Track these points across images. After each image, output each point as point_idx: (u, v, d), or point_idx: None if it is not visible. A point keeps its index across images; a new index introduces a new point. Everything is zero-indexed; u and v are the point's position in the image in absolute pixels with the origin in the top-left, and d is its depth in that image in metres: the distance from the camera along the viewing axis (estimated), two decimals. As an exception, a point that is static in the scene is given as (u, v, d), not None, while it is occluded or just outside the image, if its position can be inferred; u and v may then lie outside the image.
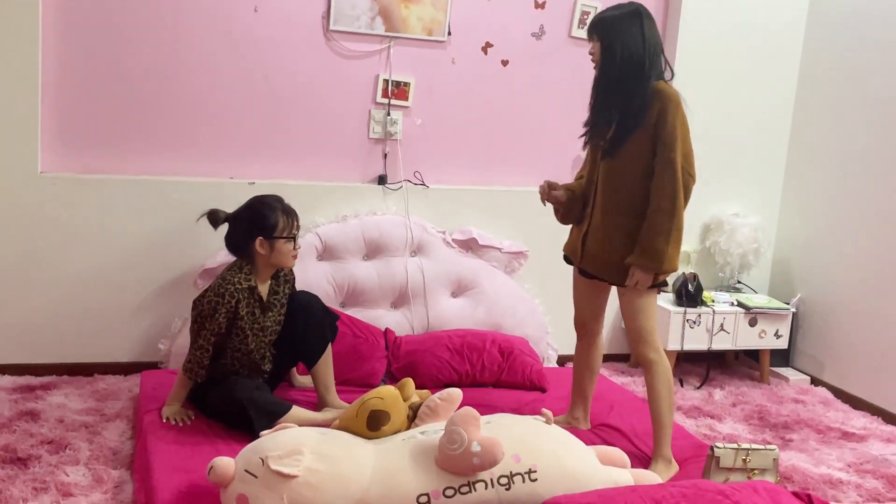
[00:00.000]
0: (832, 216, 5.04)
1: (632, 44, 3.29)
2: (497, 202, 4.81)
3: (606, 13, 3.38)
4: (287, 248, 3.57)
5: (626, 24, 3.31)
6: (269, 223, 3.53)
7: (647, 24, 3.33)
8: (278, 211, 3.57)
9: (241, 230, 3.58)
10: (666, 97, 3.27)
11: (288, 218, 3.58)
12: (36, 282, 4.24)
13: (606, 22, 3.35)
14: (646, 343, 3.40)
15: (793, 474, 3.72)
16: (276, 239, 3.54)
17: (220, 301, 3.46)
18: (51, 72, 4.20)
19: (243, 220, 3.59)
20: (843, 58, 4.99)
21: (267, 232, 3.53)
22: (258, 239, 3.52)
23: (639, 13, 3.34)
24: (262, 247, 3.53)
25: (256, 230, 3.53)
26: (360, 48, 4.59)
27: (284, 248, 3.57)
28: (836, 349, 4.96)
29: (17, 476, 3.22)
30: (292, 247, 3.60)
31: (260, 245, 3.53)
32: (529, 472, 2.80)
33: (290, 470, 2.65)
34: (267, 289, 3.64)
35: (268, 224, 3.53)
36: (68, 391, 4.08)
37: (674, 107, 3.27)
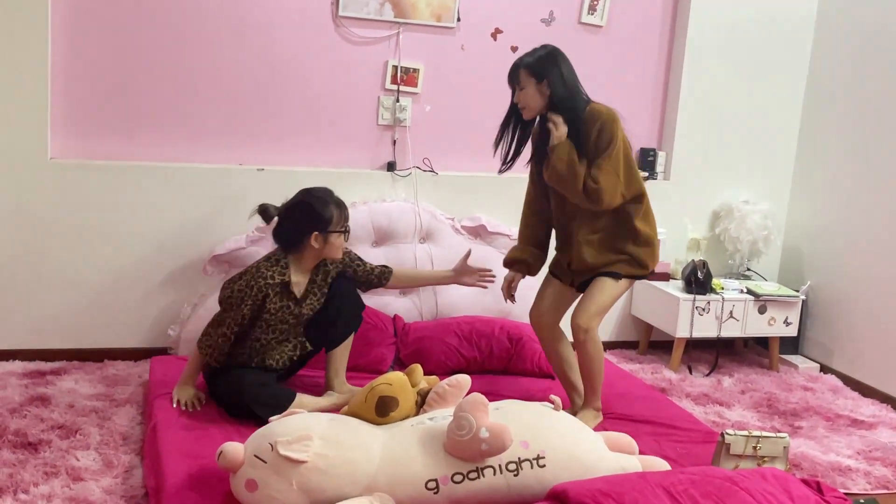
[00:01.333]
0: (842, 203, 5.02)
1: (557, 83, 3.52)
2: (506, 189, 4.79)
3: (526, 58, 3.57)
4: (340, 241, 3.57)
5: (548, 64, 3.53)
6: (325, 218, 3.51)
7: (564, 62, 3.58)
8: (331, 205, 3.55)
9: (295, 225, 3.55)
10: (599, 114, 3.51)
11: (340, 211, 3.57)
12: (46, 268, 4.26)
13: (531, 63, 3.53)
14: (589, 317, 3.58)
15: (801, 462, 3.72)
16: (331, 233, 3.53)
17: (248, 292, 3.46)
18: (60, 58, 4.20)
19: (296, 216, 3.55)
20: (854, 44, 4.96)
21: (322, 226, 3.51)
22: (313, 234, 3.50)
23: (554, 52, 3.58)
24: (316, 241, 3.51)
25: (311, 225, 3.51)
26: (369, 34, 4.58)
27: (337, 242, 3.56)
28: (845, 337, 4.95)
29: (28, 461, 3.24)
30: (344, 240, 3.60)
31: (315, 240, 3.51)
32: (538, 459, 2.80)
33: (299, 455, 2.66)
34: (307, 280, 3.62)
35: (323, 219, 3.51)
36: (78, 376, 4.10)
37: (610, 121, 3.49)
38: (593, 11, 4.88)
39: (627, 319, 5.18)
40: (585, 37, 4.89)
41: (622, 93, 5.04)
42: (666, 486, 2.62)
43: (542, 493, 2.72)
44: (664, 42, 5.09)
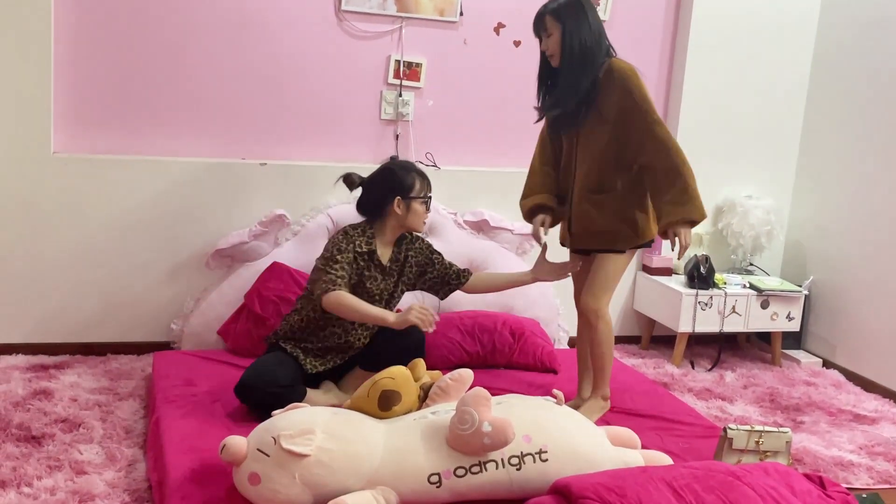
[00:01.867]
0: (846, 198, 5.01)
1: (584, 31, 3.50)
2: (509, 183, 4.77)
3: (551, 4, 3.55)
4: (422, 209, 3.63)
5: (575, 12, 3.50)
6: (407, 183, 3.59)
7: (591, 11, 3.54)
8: (414, 173, 3.64)
9: (379, 191, 3.62)
10: (622, 71, 3.48)
11: (423, 180, 3.65)
12: (49, 262, 4.26)
13: (558, 11, 3.51)
14: (594, 297, 3.59)
15: (804, 456, 3.72)
16: (413, 199, 3.59)
17: (332, 262, 3.47)
18: (63, 52, 4.21)
19: (380, 182, 3.64)
20: (858, 38, 4.96)
21: (405, 192, 3.58)
22: (396, 199, 3.57)
23: (581, 1, 3.53)
24: (399, 206, 3.58)
25: (394, 191, 3.58)
26: (371, 28, 4.58)
27: (420, 210, 3.62)
28: (848, 332, 4.95)
29: (32, 454, 3.25)
30: (425, 209, 3.65)
31: (397, 205, 3.57)
32: (540, 453, 2.81)
33: (302, 449, 2.66)
34: (389, 253, 3.67)
35: (406, 184, 3.59)
36: (81, 370, 4.11)
37: (635, 77, 3.47)
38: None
39: (630, 314, 5.18)
40: (588, 31, 4.88)
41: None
42: (668, 481, 2.63)
43: (544, 487, 2.73)
44: (667, 36, 5.09)
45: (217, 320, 4.25)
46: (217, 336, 4.25)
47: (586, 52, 3.49)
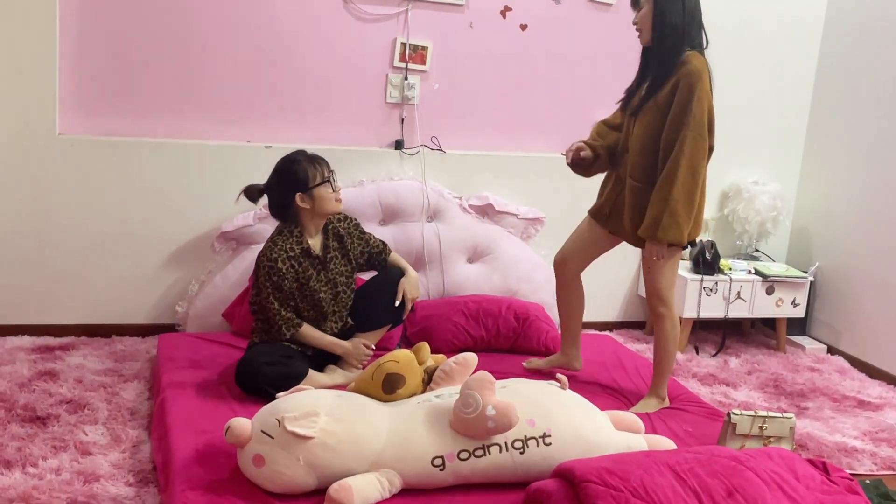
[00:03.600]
0: (852, 185, 5.00)
1: (675, 11, 3.44)
2: (514, 168, 4.79)
3: None
4: (326, 192, 3.59)
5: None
6: (300, 177, 3.56)
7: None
8: (303, 162, 3.60)
9: (280, 194, 3.61)
10: (689, 71, 3.39)
11: (316, 165, 3.61)
12: (54, 243, 4.27)
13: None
14: (659, 299, 3.59)
15: (808, 442, 3.72)
16: (313, 188, 3.57)
17: (272, 273, 3.52)
18: (68, 34, 4.19)
19: (277, 185, 3.62)
20: (866, 24, 4.93)
21: (301, 185, 3.56)
22: (297, 195, 3.56)
23: None
24: (303, 201, 3.57)
25: (292, 188, 3.56)
26: (377, 11, 4.56)
27: (324, 194, 3.59)
28: (853, 318, 4.94)
29: (37, 435, 3.26)
30: (331, 190, 3.62)
31: (301, 200, 3.56)
32: (544, 437, 2.81)
33: (306, 431, 2.67)
34: (319, 244, 3.68)
35: (299, 178, 3.56)
36: (86, 352, 4.12)
37: (695, 80, 3.38)
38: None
39: (634, 299, 5.17)
40: (595, 15, 4.86)
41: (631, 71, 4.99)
42: (672, 465, 2.63)
43: (547, 470, 2.73)
44: (674, 21, 5.05)
45: (222, 303, 4.26)
46: (221, 318, 4.26)
47: (672, 34, 3.43)
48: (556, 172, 4.80)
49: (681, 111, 3.38)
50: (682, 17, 3.44)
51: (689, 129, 3.37)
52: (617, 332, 5.02)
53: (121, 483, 2.98)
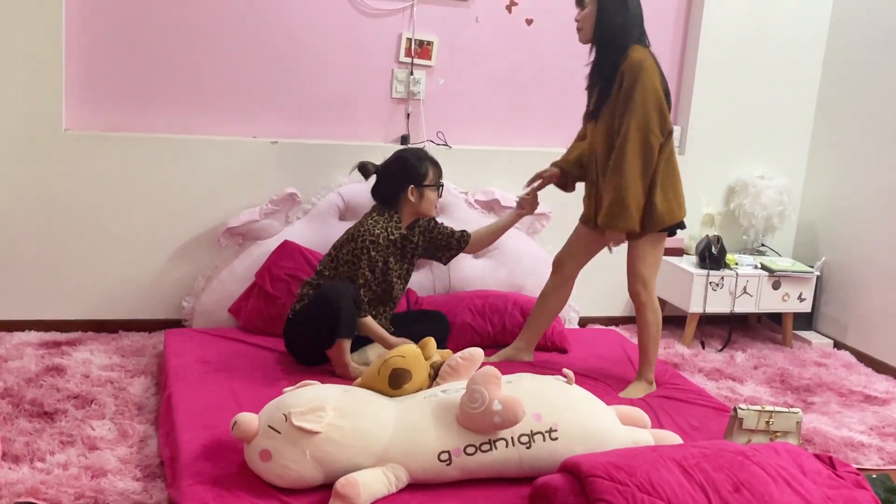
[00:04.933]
0: (858, 179, 4.98)
1: (619, 11, 3.54)
2: (520, 163, 4.77)
3: None
4: (434, 196, 3.79)
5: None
6: (420, 172, 3.74)
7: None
8: (427, 161, 3.79)
9: (393, 179, 3.76)
10: (630, 63, 3.50)
11: (436, 167, 3.80)
12: (61, 239, 4.27)
13: None
14: (642, 284, 3.72)
15: (814, 437, 3.72)
16: (426, 187, 3.73)
17: (373, 247, 3.65)
18: (74, 30, 4.20)
19: (394, 170, 3.78)
20: (873, 17, 4.91)
21: (418, 180, 3.72)
22: (410, 187, 3.71)
23: None
24: (412, 195, 3.73)
25: (408, 179, 3.72)
26: (383, 6, 4.55)
27: (432, 196, 3.78)
28: (859, 313, 4.93)
29: (45, 429, 3.27)
30: (437, 195, 3.81)
31: (411, 193, 3.72)
32: (550, 431, 2.82)
33: (312, 426, 2.67)
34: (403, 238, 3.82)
35: (419, 173, 3.73)
36: (94, 347, 4.12)
37: (637, 70, 3.48)
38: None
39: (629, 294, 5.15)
40: (601, 10, 4.85)
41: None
42: (678, 460, 2.63)
43: (554, 465, 2.73)
44: (680, 15, 5.05)
45: (228, 298, 4.27)
46: (228, 314, 4.26)
47: (617, 33, 3.53)
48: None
49: (624, 101, 3.50)
50: (625, 17, 3.53)
51: (633, 119, 3.48)
52: (623, 327, 5.01)
53: (128, 478, 2.99)
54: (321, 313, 3.55)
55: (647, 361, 3.80)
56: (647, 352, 3.80)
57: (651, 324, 3.76)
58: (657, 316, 3.78)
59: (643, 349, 3.81)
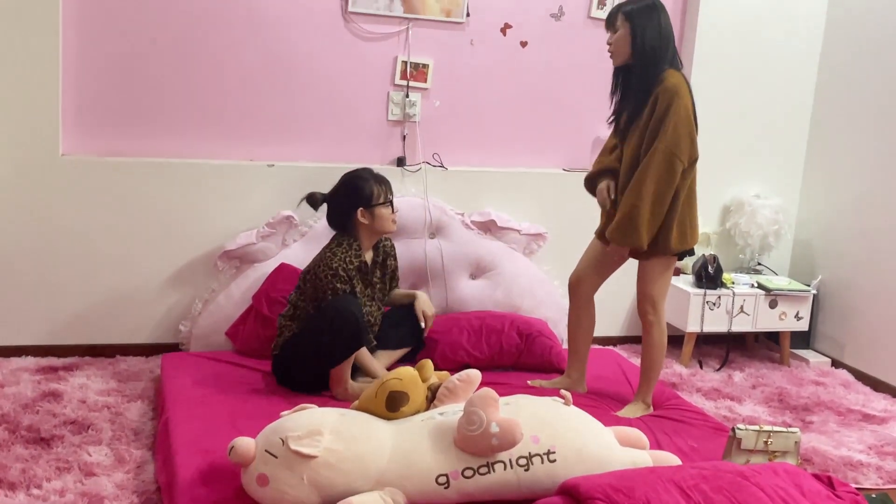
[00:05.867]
0: (854, 197, 5.00)
1: (652, 34, 3.53)
2: (516, 184, 4.80)
3: (627, 5, 3.59)
4: (386, 212, 3.79)
5: (647, 15, 3.55)
6: (366, 193, 3.75)
7: (664, 16, 3.59)
8: (371, 180, 3.79)
9: (342, 206, 3.79)
10: (665, 87, 3.49)
11: (381, 185, 3.80)
12: (58, 264, 4.27)
13: (631, 12, 3.56)
14: (651, 305, 3.73)
15: (813, 456, 3.71)
16: (375, 206, 3.74)
17: (335, 280, 3.65)
18: (71, 54, 4.22)
19: (341, 197, 3.81)
20: (865, 37, 4.94)
21: (365, 202, 3.74)
22: (359, 210, 3.73)
23: (656, 5, 3.59)
24: (363, 217, 3.74)
25: (356, 202, 3.75)
26: (378, 30, 4.58)
27: (385, 213, 3.79)
28: (856, 331, 4.93)
29: (41, 456, 3.26)
30: (391, 211, 3.81)
31: (361, 215, 3.74)
32: (548, 453, 2.81)
33: (309, 450, 2.66)
34: (370, 259, 3.84)
35: (364, 194, 3.75)
36: (90, 372, 4.11)
37: (671, 95, 3.47)
38: (602, 6, 4.86)
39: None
40: (595, 31, 4.87)
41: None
42: (677, 481, 2.62)
43: (552, 487, 2.72)
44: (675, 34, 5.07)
45: (225, 321, 4.26)
46: (225, 337, 4.26)
47: (651, 55, 3.52)
48: (557, 188, 4.82)
49: (656, 125, 3.49)
50: (658, 40, 3.54)
51: (662, 142, 3.48)
52: (621, 347, 5.01)
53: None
54: (335, 328, 3.54)
55: (648, 383, 3.80)
56: (648, 373, 3.79)
57: (657, 344, 3.75)
58: (664, 337, 3.77)
59: (645, 370, 3.80)
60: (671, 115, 3.46)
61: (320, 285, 3.67)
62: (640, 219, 3.51)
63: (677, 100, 3.47)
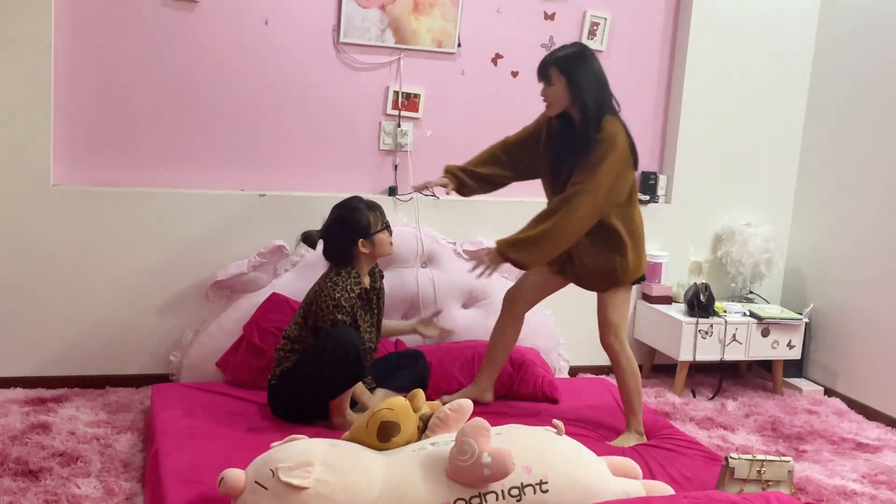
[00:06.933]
0: (845, 226, 5.01)
1: (589, 85, 3.58)
2: (507, 213, 4.77)
3: (558, 54, 3.64)
4: (385, 237, 3.81)
5: (580, 65, 3.59)
6: (363, 223, 3.74)
7: (595, 62, 3.64)
8: (364, 209, 3.78)
9: (341, 240, 3.77)
10: (604, 136, 3.54)
11: (374, 211, 3.80)
12: (48, 294, 4.26)
13: (565, 65, 3.59)
14: (613, 334, 3.79)
15: (806, 485, 3.70)
16: (375, 234, 3.74)
17: (337, 311, 3.62)
18: (63, 84, 4.23)
19: (338, 231, 3.78)
20: (854, 66, 4.98)
21: (365, 232, 3.73)
22: (359, 241, 3.72)
23: (586, 53, 3.65)
24: (364, 247, 3.74)
25: (355, 234, 3.73)
26: (370, 60, 4.60)
27: (384, 239, 3.80)
28: (849, 359, 4.93)
29: (29, 488, 3.23)
30: (388, 234, 3.83)
31: (363, 246, 3.73)
32: (541, 484, 2.79)
33: (300, 482, 2.64)
34: (369, 284, 3.84)
35: (362, 225, 3.74)
36: (80, 403, 4.09)
37: (608, 146, 3.52)
38: (593, 36, 4.90)
39: (630, 343, 5.14)
40: (585, 61, 4.91)
41: (622, 116, 5.03)
42: (670, 511, 2.61)
43: (545, 518, 2.71)
44: (664, 66, 5.11)
45: (216, 352, 4.24)
46: (216, 368, 4.23)
47: (592, 106, 3.56)
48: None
49: (590, 169, 3.52)
50: (595, 88, 3.59)
51: (589, 185, 3.51)
52: (613, 376, 4.99)
53: (113, 536, 2.95)
54: (336, 359, 3.52)
55: (634, 412, 3.81)
56: (631, 403, 3.82)
57: (629, 373, 3.79)
58: (633, 364, 3.82)
59: (627, 401, 3.83)
60: (604, 166, 3.51)
61: (321, 315, 3.65)
62: (543, 246, 3.57)
63: (613, 151, 3.52)
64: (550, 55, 3.66)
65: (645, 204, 5.02)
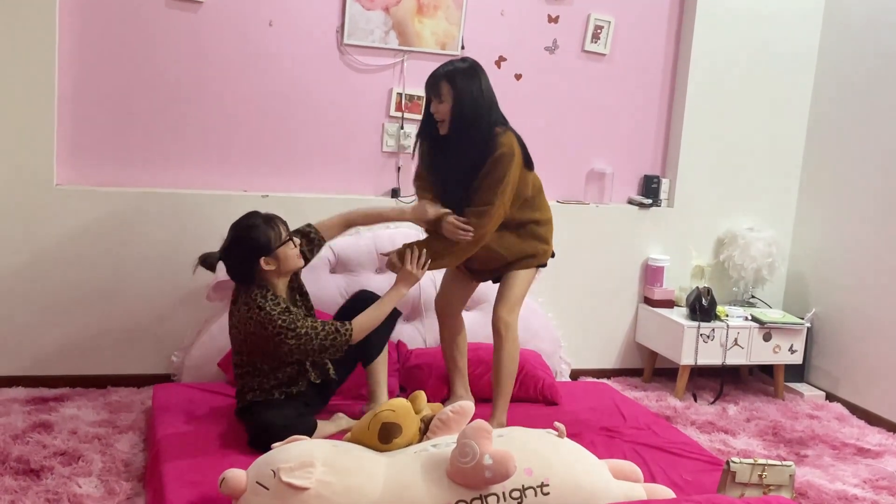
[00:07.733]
0: (847, 230, 5.01)
1: (476, 100, 3.60)
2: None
3: (448, 68, 3.64)
4: (289, 250, 3.54)
5: (468, 77, 3.60)
6: (262, 240, 3.48)
7: (484, 77, 3.66)
8: (262, 225, 3.52)
9: (242, 261, 3.51)
10: (502, 152, 3.57)
11: (273, 225, 3.53)
12: (50, 294, 4.26)
13: (453, 75, 3.60)
14: (509, 310, 3.78)
15: (808, 490, 3.69)
16: (276, 249, 3.50)
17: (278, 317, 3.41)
18: (66, 85, 4.23)
19: (237, 253, 3.52)
20: (857, 70, 4.98)
21: (266, 249, 3.48)
22: (261, 260, 3.47)
23: (476, 67, 3.66)
24: (268, 264, 3.48)
25: (255, 253, 3.47)
26: (373, 62, 4.61)
27: (289, 252, 3.53)
28: (851, 364, 4.93)
29: (30, 487, 3.23)
30: (293, 247, 3.56)
31: (266, 263, 3.48)
32: (542, 486, 2.79)
33: (301, 482, 2.64)
34: (287, 296, 3.62)
35: (261, 242, 3.48)
36: (81, 403, 4.09)
37: (507, 160, 3.58)
38: (597, 40, 4.90)
39: (632, 347, 5.16)
40: (589, 65, 4.92)
41: (625, 120, 5.05)
42: (671, 515, 2.61)
43: (546, 521, 2.70)
44: (667, 69, 5.12)
45: (218, 352, 4.24)
46: (217, 368, 4.24)
47: (481, 119, 3.59)
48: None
49: (494, 184, 3.58)
50: (483, 101, 3.60)
51: (498, 199, 3.58)
52: (614, 380, 5.00)
53: (114, 536, 2.95)
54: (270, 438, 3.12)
55: (504, 396, 3.81)
56: (505, 387, 3.80)
57: (512, 357, 3.78)
58: (518, 347, 3.82)
59: (502, 385, 3.79)
60: (507, 181, 3.58)
61: (265, 335, 3.41)
62: (458, 254, 3.69)
63: (512, 165, 3.59)
64: (442, 69, 3.64)
65: (647, 208, 5.03)
